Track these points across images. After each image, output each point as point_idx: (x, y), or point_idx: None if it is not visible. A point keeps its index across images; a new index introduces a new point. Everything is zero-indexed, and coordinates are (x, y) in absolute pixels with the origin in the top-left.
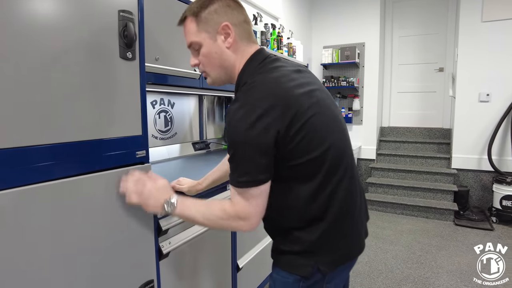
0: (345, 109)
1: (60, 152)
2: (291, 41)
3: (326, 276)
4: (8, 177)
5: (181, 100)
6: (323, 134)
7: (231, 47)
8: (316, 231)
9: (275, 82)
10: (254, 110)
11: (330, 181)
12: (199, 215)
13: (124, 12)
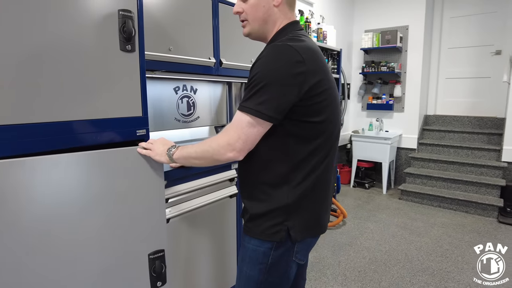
0: (386, 95)
1: (76, 126)
2: (321, 27)
3: (295, 244)
4: (51, 143)
5: (204, 86)
6: (331, 108)
7: (278, 6)
8: (293, 194)
9: (309, 44)
10: (297, 55)
11: (321, 151)
12: (192, 150)
13: (124, 11)
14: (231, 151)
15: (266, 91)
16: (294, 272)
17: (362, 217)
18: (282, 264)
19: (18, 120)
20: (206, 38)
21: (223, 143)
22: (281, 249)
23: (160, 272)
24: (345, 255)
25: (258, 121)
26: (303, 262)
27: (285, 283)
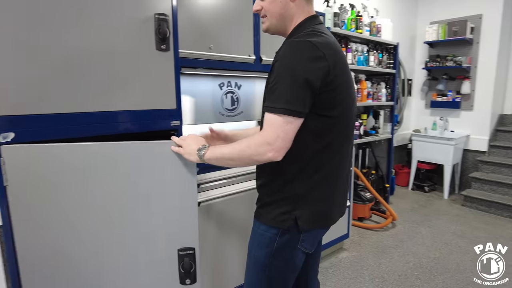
0: (452, 92)
1: (120, 116)
2: (375, 20)
3: (301, 234)
4: (99, 129)
5: (248, 82)
6: (347, 103)
7: (295, 1)
8: (304, 185)
9: (328, 38)
10: (317, 50)
11: (334, 145)
12: (227, 151)
13: (159, 14)
14: (270, 151)
15: (293, 89)
16: (301, 260)
17: (415, 221)
18: (287, 250)
19: (76, 109)
20: (247, 36)
21: (261, 143)
22: (287, 236)
23: (189, 270)
24: (388, 257)
25: (291, 119)
26: (310, 251)
27: (290, 269)
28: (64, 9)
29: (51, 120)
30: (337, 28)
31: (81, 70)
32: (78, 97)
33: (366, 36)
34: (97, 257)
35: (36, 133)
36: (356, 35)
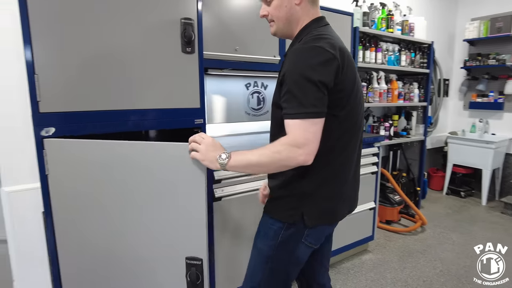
0: (494, 93)
1: (147, 114)
2: (407, 19)
3: (306, 229)
4: (132, 125)
5: (274, 83)
6: (355, 102)
7: (300, 4)
8: (310, 183)
9: (339, 42)
10: (325, 53)
11: (341, 144)
12: (254, 157)
13: (185, 19)
14: (302, 155)
15: (311, 92)
16: (304, 254)
17: (446, 227)
18: (291, 244)
19: (108, 107)
20: (272, 37)
21: (292, 147)
22: (292, 230)
23: (196, 281)
24: (413, 262)
25: (316, 121)
26: (315, 245)
27: (293, 262)
28: (102, 17)
29: (86, 116)
30: (366, 28)
31: (113, 72)
32: (111, 96)
33: (398, 35)
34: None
35: (73, 129)
36: (386, 35)
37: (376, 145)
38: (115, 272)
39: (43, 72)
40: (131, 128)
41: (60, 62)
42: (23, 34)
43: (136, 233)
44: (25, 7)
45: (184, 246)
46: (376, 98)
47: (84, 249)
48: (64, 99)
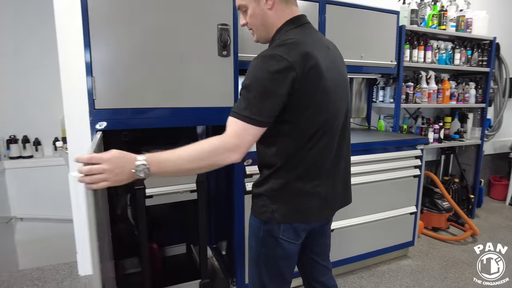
0: None
1: (187, 112)
2: (464, 14)
3: (280, 225)
4: (173, 122)
5: None
6: (324, 100)
7: (272, 9)
8: (279, 183)
9: (300, 43)
10: (282, 60)
11: (311, 146)
12: (186, 154)
13: (222, 25)
14: (236, 155)
15: (261, 100)
16: (290, 250)
17: (503, 240)
18: (271, 239)
19: (153, 105)
20: None
21: (229, 147)
22: (268, 226)
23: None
24: (457, 272)
25: (257, 128)
26: (297, 242)
27: (280, 257)
28: (149, 27)
29: (134, 113)
30: (415, 26)
31: (158, 74)
32: (156, 95)
33: (451, 32)
34: None
35: (122, 123)
36: (438, 32)
37: (419, 147)
38: None
39: (99, 73)
40: (173, 125)
41: (113, 65)
42: (84, 41)
43: None
44: (87, 20)
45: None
46: (424, 99)
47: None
48: (115, 97)
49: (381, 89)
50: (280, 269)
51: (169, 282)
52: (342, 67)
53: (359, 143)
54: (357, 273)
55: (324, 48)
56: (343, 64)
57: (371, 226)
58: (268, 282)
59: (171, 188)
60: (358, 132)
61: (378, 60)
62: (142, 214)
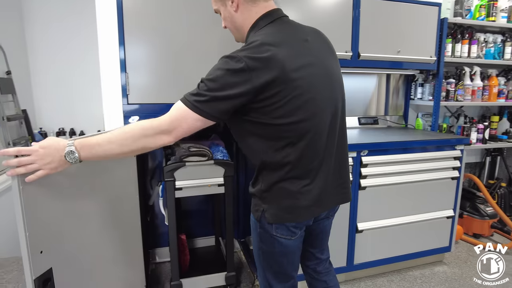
0: None
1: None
2: None
3: (272, 224)
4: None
5: (349, 78)
6: (292, 107)
7: (238, 10)
8: (266, 183)
9: (263, 45)
10: (239, 62)
11: (289, 145)
12: (106, 143)
13: None
14: (169, 137)
15: (210, 92)
16: (288, 245)
17: None
18: (267, 236)
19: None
20: (344, 31)
21: (163, 128)
22: (262, 224)
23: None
24: (499, 285)
25: (201, 118)
26: (291, 238)
27: (279, 253)
28: (176, 28)
29: (165, 108)
30: (459, 18)
31: (188, 71)
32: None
33: (502, 23)
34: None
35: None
36: (486, 24)
37: (459, 148)
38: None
39: (132, 70)
40: None
41: (145, 62)
42: (119, 41)
43: None
44: (122, 23)
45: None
46: (467, 97)
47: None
48: (147, 93)
49: (419, 86)
50: (280, 264)
51: (197, 272)
52: (328, 59)
53: (392, 142)
54: (386, 276)
55: (299, 42)
56: (330, 55)
57: (404, 228)
58: (271, 277)
59: (199, 181)
60: (394, 130)
61: (417, 55)
62: (172, 205)
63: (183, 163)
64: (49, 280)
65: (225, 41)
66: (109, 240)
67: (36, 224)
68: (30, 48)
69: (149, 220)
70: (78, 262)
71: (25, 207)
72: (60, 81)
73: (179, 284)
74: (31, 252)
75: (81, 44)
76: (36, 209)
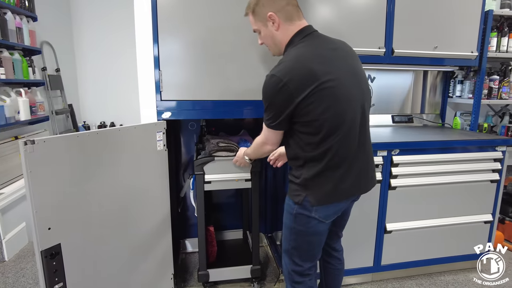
0: None
1: (243, 104)
2: None
3: (313, 207)
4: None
5: (384, 75)
6: (330, 102)
7: (279, 29)
8: (311, 171)
9: (298, 59)
10: (279, 81)
11: (329, 141)
12: (250, 148)
13: None
14: (267, 145)
15: (270, 112)
16: (320, 228)
17: None
18: (303, 218)
19: (214, 98)
20: (377, 27)
21: (262, 142)
22: (301, 207)
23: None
24: None
25: (273, 131)
26: (325, 220)
27: (311, 233)
28: (207, 25)
29: (195, 104)
30: (506, 10)
31: (217, 68)
32: (215, 88)
33: None
34: None
35: (183, 113)
36: None
37: (500, 149)
38: None
39: (165, 67)
40: (231, 116)
41: (177, 60)
42: (153, 39)
43: None
44: (156, 21)
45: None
46: None
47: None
48: (179, 90)
49: (458, 83)
50: (310, 243)
51: (223, 263)
52: (354, 62)
53: (424, 141)
54: (415, 279)
55: (328, 51)
56: (356, 59)
57: (436, 230)
58: (298, 257)
59: (228, 175)
60: (429, 129)
61: (456, 51)
62: (201, 198)
63: (212, 157)
64: (57, 254)
65: (256, 40)
66: (136, 229)
67: (45, 203)
68: (76, 47)
69: (180, 211)
70: (95, 246)
71: (33, 187)
72: (102, 77)
73: (206, 274)
74: (38, 228)
75: (121, 43)
76: (46, 190)
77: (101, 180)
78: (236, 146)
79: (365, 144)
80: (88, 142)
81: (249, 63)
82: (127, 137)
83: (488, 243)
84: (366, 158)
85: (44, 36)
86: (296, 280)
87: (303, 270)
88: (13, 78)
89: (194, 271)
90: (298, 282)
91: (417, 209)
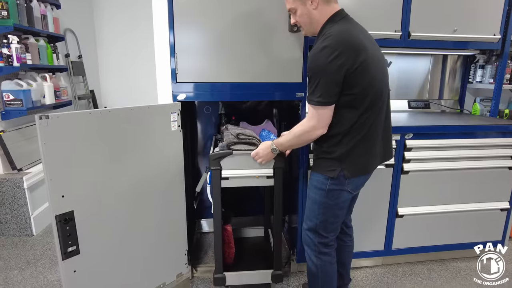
0: None
1: (260, 87)
2: None
3: (346, 179)
4: (246, 96)
5: (400, 59)
6: (371, 76)
7: (317, 8)
8: (348, 146)
9: (347, 32)
10: (333, 51)
11: (366, 114)
12: (290, 137)
13: None
14: (318, 129)
15: (322, 86)
16: (347, 200)
17: None
18: (336, 191)
19: (228, 80)
20: (393, 9)
21: (310, 127)
22: (335, 181)
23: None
24: None
25: (324, 107)
26: (354, 192)
27: (339, 206)
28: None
29: (209, 87)
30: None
31: (232, 50)
32: (229, 70)
33: None
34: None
35: (198, 95)
36: None
37: None
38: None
39: (180, 51)
40: (245, 98)
41: (191, 44)
42: (169, 24)
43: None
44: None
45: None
46: None
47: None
48: (194, 72)
49: (480, 67)
50: (335, 217)
51: (242, 266)
52: (377, 46)
53: (439, 125)
54: (427, 264)
55: (364, 32)
56: (376, 44)
57: (450, 216)
58: (322, 228)
59: (247, 171)
60: (446, 115)
61: (477, 33)
62: (217, 195)
63: (231, 151)
64: (70, 219)
65: (269, 27)
66: (149, 202)
67: (59, 173)
68: (98, 35)
69: (195, 208)
70: (108, 216)
71: (47, 158)
72: (122, 65)
73: (223, 278)
74: (53, 194)
75: (140, 31)
76: (59, 160)
77: (113, 155)
78: (257, 139)
79: (388, 123)
80: (101, 119)
81: (266, 46)
82: (140, 116)
83: (488, 243)
84: (389, 130)
85: (67, 24)
86: (323, 251)
87: (329, 241)
88: (38, 64)
89: (208, 250)
90: (325, 253)
91: (431, 194)
